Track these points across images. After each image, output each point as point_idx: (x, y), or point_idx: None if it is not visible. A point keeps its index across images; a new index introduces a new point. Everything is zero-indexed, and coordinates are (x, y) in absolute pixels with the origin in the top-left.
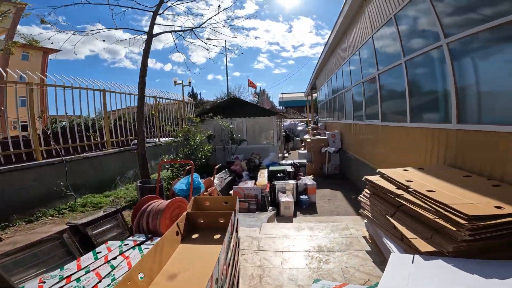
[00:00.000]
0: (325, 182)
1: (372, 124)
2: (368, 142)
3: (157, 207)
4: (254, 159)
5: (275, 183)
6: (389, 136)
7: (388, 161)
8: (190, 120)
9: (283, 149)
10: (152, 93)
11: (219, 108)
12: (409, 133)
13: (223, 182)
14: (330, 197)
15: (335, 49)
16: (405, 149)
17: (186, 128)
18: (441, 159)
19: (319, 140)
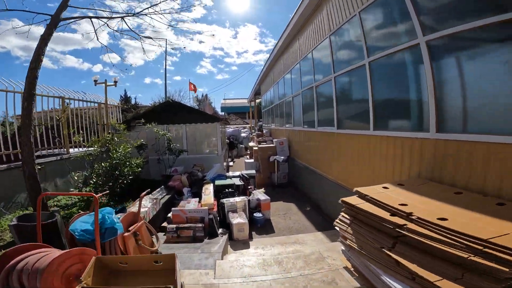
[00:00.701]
0: (276, 193)
1: (325, 131)
2: (322, 151)
3: (34, 265)
4: (196, 172)
5: (224, 201)
6: (346, 145)
7: (346, 172)
8: (113, 127)
9: (227, 157)
10: (59, 93)
11: (153, 113)
12: (372, 142)
13: (158, 204)
14: (284, 211)
15: (285, 51)
16: (367, 160)
17: (108, 137)
18: (414, 172)
19: (267, 148)
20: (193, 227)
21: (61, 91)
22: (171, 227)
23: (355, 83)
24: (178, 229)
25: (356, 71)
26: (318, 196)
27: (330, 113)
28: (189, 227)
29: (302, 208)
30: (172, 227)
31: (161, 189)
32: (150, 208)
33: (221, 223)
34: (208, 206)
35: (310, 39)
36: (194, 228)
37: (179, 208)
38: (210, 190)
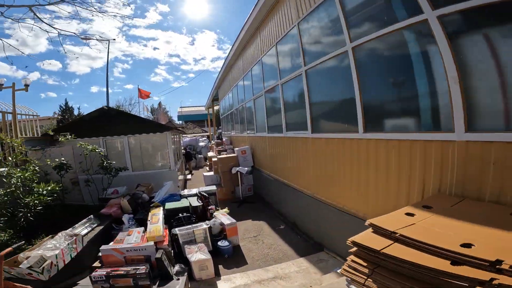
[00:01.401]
0: (242, 210)
1: (297, 136)
2: (293, 160)
3: None
4: (140, 194)
5: (177, 232)
6: (326, 152)
7: (327, 186)
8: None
9: (184, 169)
10: None
11: (85, 124)
12: (363, 149)
13: (80, 242)
14: (255, 232)
15: (244, 50)
16: (355, 171)
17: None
18: (432, 186)
19: (228, 159)
20: (133, 273)
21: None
22: (98, 274)
23: (335, 74)
24: (110, 277)
25: (337, 59)
26: (292, 211)
27: (301, 114)
28: (127, 272)
29: (275, 227)
30: (100, 274)
31: (90, 219)
32: (65, 250)
33: (177, 258)
34: (157, 239)
35: (273, 32)
36: (134, 273)
37: (111, 246)
38: (159, 216)
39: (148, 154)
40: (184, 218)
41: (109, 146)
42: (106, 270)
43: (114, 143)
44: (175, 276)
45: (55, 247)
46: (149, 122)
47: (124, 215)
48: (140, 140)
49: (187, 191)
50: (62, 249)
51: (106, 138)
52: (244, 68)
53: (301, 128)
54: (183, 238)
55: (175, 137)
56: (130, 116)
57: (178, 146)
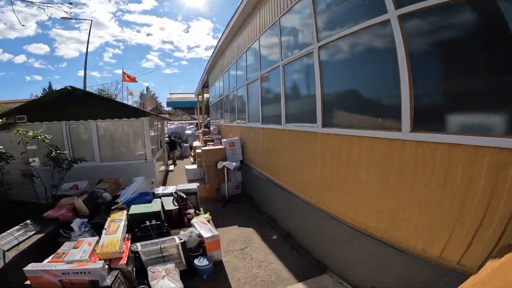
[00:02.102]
0: (228, 212)
1: (300, 130)
2: (293, 159)
3: None
4: (100, 192)
5: (139, 249)
6: (340, 152)
7: (335, 194)
8: None
9: (167, 159)
10: None
11: (45, 106)
12: (408, 156)
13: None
14: (242, 243)
15: (240, 30)
16: (391, 182)
17: None
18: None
19: (214, 152)
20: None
21: None
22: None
23: (367, 51)
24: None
25: (372, 30)
26: (287, 219)
27: (308, 103)
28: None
29: (266, 237)
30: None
31: (25, 224)
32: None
33: (140, 280)
34: (111, 256)
35: (276, 6)
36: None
37: (40, 267)
38: (119, 223)
39: (121, 142)
40: (153, 227)
41: (73, 132)
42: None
43: (79, 129)
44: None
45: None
46: (123, 106)
47: (76, 219)
48: (112, 126)
49: (162, 190)
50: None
51: (69, 123)
52: (238, 50)
53: (307, 120)
54: (147, 255)
55: (158, 124)
56: (100, 98)
57: (161, 133)
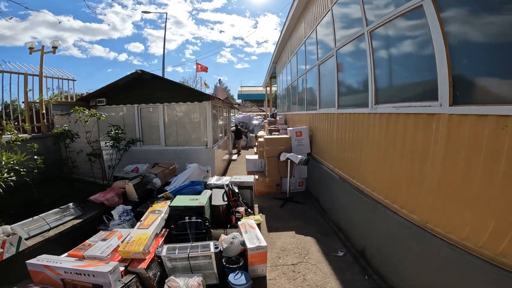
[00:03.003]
0: (285, 212)
1: (402, 113)
2: (385, 155)
3: None
4: (151, 177)
5: (163, 254)
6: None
7: (463, 212)
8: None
9: (232, 148)
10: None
11: (119, 90)
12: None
13: (10, 247)
14: (296, 256)
15: (307, 6)
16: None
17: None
18: None
19: (277, 141)
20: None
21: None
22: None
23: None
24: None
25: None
26: (363, 234)
27: (418, 72)
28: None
29: (329, 251)
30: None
31: (66, 208)
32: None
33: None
34: (133, 256)
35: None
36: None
37: (42, 262)
38: (158, 216)
39: (184, 127)
40: (191, 225)
41: (144, 115)
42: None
43: (149, 112)
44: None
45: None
46: (187, 89)
47: (119, 206)
48: (177, 110)
49: (215, 180)
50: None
51: (141, 106)
52: (307, 28)
53: (418, 97)
54: (172, 262)
55: (223, 111)
56: (167, 82)
57: (227, 122)
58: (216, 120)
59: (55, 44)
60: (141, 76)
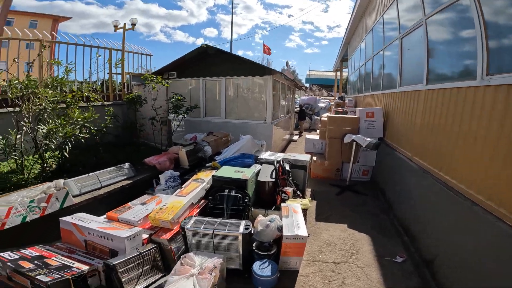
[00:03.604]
0: (341, 202)
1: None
2: (499, 140)
3: None
4: (203, 145)
5: (188, 225)
6: None
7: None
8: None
9: (294, 128)
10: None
11: (186, 63)
12: None
13: (55, 202)
14: (341, 255)
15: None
16: None
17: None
18: None
19: (342, 120)
20: (32, 276)
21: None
22: (9, 256)
23: None
24: (14, 267)
25: None
26: (437, 238)
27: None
28: (28, 270)
29: (384, 254)
30: (11, 256)
31: (121, 167)
32: (16, 210)
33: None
34: (162, 225)
35: None
36: (33, 277)
37: (72, 220)
38: (199, 185)
39: (245, 101)
40: (229, 198)
41: (208, 88)
42: (16, 255)
43: (212, 85)
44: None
45: (6, 203)
46: (249, 63)
47: (167, 171)
48: (238, 83)
49: (267, 155)
50: (9, 208)
51: (205, 79)
52: (383, 2)
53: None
54: (195, 237)
55: (286, 89)
56: (230, 56)
57: (291, 101)
58: (277, 96)
59: (133, 21)
60: (205, 50)
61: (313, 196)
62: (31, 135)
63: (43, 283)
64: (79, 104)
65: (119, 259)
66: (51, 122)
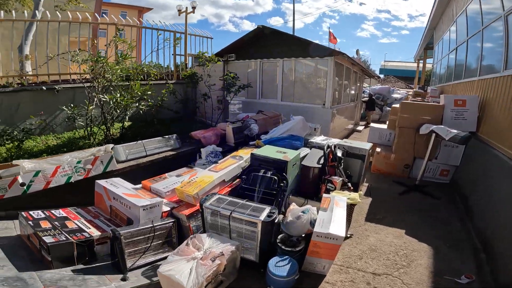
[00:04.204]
0: (400, 203)
1: None
2: None
3: None
4: (249, 123)
5: (207, 203)
6: None
7: None
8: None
9: (360, 118)
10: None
11: (244, 45)
12: None
13: (99, 165)
14: (384, 266)
15: None
16: None
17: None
18: None
19: (420, 108)
20: (40, 235)
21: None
22: (36, 215)
23: None
24: (35, 225)
25: None
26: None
27: None
28: (40, 231)
29: (444, 272)
30: (37, 215)
31: (168, 138)
32: (63, 169)
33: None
34: (186, 199)
35: None
36: (40, 237)
37: (105, 184)
38: (237, 162)
39: (302, 83)
40: (263, 179)
41: (265, 69)
42: (42, 213)
43: (269, 67)
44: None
45: (56, 162)
46: (308, 44)
47: (209, 146)
48: (296, 65)
49: (320, 139)
50: (57, 167)
51: (262, 61)
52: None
53: None
54: (213, 217)
55: (352, 74)
56: (287, 37)
57: (358, 89)
58: (340, 80)
59: (193, 4)
60: (262, 31)
61: (369, 192)
62: (99, 105)
63: (45, 243)
64: (140, 80)
65: (127, 229)
66: (115, 95)
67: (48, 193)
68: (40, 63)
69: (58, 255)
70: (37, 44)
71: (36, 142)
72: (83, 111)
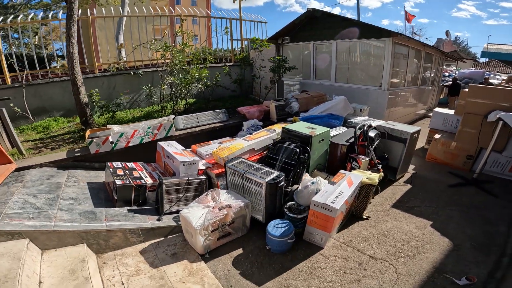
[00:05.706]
0: (445, 196)
1: None
2: None
3: None
4: (290, 101)
5: (229, 164)
6: None
7: None
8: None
9: (436, 104)
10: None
11: (296, 28)
12: None
13: (163, 131)
14: (386, 253)
15: None
16: None
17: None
18: None
19: (494, 92)
20: (112, 181)
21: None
22: (116, 165)
23: None
24: (116, 169)
25: None
26: None
27: None
28: (117, 178)
29: (447, 269)
30: (117, 166)
31: (218, 112)
32: (139, 133)
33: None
34: (218, 160)
35: None
36: (112, 182)
37: (164, 144)
38: (268, 135)
39: (357, 65)
40: (285, 151)
41: (318, 51)
42: (120, 165)
43: (323, 49)
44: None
45: (135, 126)
46: (361, 25)
47: (251, 120)
48: (349, 46)
49: (361, 119)
50: (134, 131)
51: (316, 43)
52: None
53: None
54: (232, 177)
55: (423, 56)
56: (340, 19)
57: (436, 72)
58: (402, 61)
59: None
60: (313, 14)
61: (410, 180)
62: (167, 85)
63: (115, 184)
64: (199, 64)
65: (169, 178)
66: (178, 77)
67: (128, 150)
68: (128, 52)
69: (121, 195)
70: (129, 33)
71: (126, 114)
72: (158, 90)
